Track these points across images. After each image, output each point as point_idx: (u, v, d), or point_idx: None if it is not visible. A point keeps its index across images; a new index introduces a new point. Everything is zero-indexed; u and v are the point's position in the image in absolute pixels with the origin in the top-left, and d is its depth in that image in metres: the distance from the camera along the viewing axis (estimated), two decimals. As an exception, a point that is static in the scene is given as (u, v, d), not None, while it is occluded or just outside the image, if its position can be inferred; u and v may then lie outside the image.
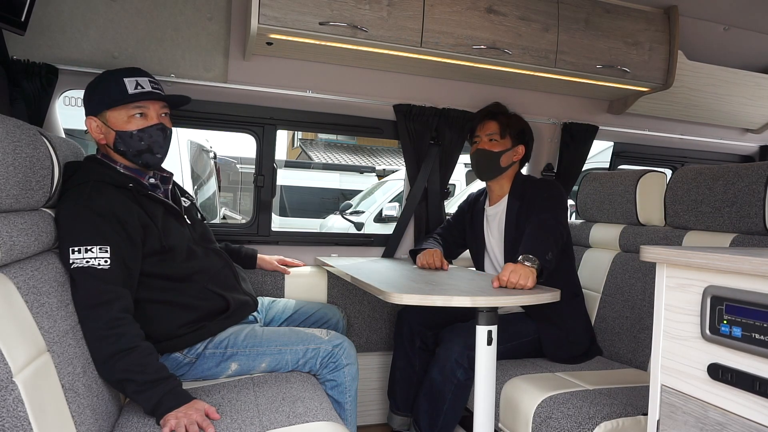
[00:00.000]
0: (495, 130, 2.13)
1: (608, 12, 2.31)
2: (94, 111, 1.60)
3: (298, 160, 13.16)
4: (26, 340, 1.04)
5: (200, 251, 1.70)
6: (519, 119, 2.19)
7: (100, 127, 1.60)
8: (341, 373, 1.70)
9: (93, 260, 1.37)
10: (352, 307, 2.38)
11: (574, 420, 1.51)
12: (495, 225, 2.16)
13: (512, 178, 2.17)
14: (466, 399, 1.87)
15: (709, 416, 0.97)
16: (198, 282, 1.64)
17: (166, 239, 1.57)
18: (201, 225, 1.82)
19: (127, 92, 1.57)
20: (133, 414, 1.40)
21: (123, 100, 1.57)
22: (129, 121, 1.59)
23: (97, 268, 1.37)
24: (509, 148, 2.13)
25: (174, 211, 1.67)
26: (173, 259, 1.59)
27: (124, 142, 1.59)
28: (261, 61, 2.22)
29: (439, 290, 1.57)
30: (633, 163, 3.14)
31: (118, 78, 1.59)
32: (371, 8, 1.96)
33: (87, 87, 1.63)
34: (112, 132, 1.59)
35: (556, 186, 2.09)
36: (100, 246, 1.39)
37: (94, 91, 1.61)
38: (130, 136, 1.59)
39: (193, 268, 1.64)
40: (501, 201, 2.16)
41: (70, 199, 1.45)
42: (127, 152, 1.61)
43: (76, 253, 1.37)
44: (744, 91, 2.77)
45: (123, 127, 1.58)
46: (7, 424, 0.91)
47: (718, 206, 1.74)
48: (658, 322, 1.08)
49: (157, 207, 1.61)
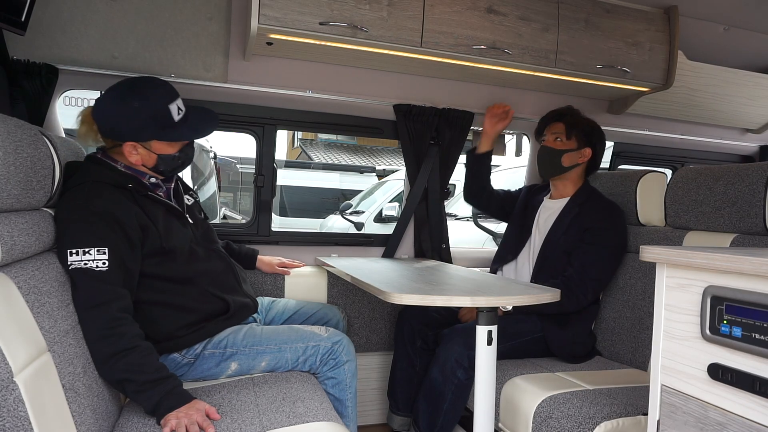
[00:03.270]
0: (561, 130, 2.15)
1: (608, 12, 2.31)
2: (138, 138, 1.55)
3: (298, 160, 13.16)
4: (27, 339, 1.04)
5: (202, 252, 1.68)
6: (588, 121, 2.19)
7: (141, 150, 1.57)
8: (341, 370, 1.70)
9: (91, 262, 1.36)
10: (352, 307, 2.38)
11: (574, 420, 1.51)
12: (545, 218, 2.17)
13: (577, 182, 2.17)
14: (466, 399, 1.87)
15: (709, 416, 0.97)
16: (198, 284, 1.63)
17: (166, 240, 1.55)
18: (203, 224, 1.79)
19: (174, 121, 1.56)
20: (134, 414, 1.40)
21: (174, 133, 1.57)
22: (171, 145, 1.60)
23: (95, 270, 1.36)
24: (574, 148, 2.13)
25: (176, 212, 1.65)
26: (174, 260, 1.58)
27: (165, 164, 1.61)
28: (261, 61, 2.22)
29: (439, 290, 1.57)
30: (633, 163, 3.13)
31: (161, 104, 1.54)
32: (371, 8, 1.96)
33: (116, 107, 1.53)
34: (154, 155, 1.58)
35: (616, 219, 2.06)
36: (98, 248, 1.38)
37: (135, 116, 1.52)
38: (172, 158, 1.61)
39: (194, 269, 1.63)
40: (561, 200, 2.17)
41: (68, 200, 1.44)
42: (165, 170, 1.62)
43: (74, 255, 1.36)
44: (744, 91, 2.77)
45: (166, 151, 1.59)
46: (8, 424, 0.91)
47: (719, 206, 1.74)
48: (658, 322, 1.08)
49: (158, 207, 1.58)
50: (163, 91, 1.57)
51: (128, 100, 1.53)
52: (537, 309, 1.84)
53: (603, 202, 2.10)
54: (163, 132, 1.56)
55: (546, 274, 2.04)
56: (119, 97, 1.54)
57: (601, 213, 2.06)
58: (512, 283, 1.81)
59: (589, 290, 1.98)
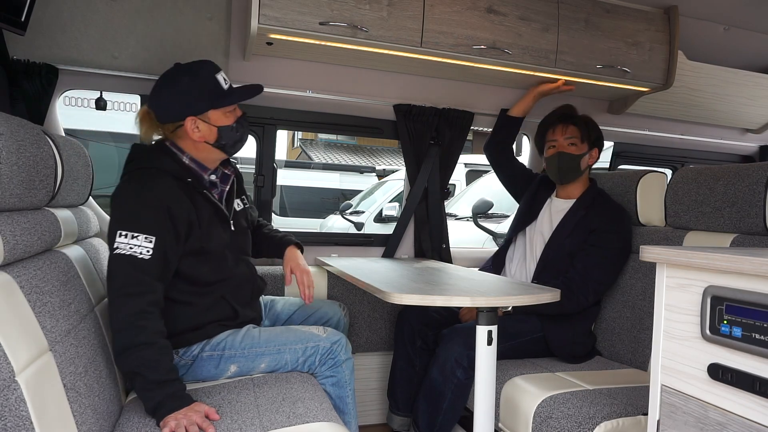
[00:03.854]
0: (575, 134, 2.14)
1: (608, 12, 2.31)
2: (195, 111, 1.60)
3: (298, 160, 13.15)
4: (29, 339, 1.04)
5: (231, 259, 1.70)
6: (594, 122, 2.20)
7: (201, 125, 1.61)
8: (340, 369, 1.70)
9: (136, 248, 1.42)
10: (352, 307, 2.38)
11: (574, 420, 1.51)
12: (550, 215, 2.18)
13: (584, 184, 2.18)
14: (465, 399, 1.87)
15: (709, 416, 0.97)
16: (217, 290, 1.65)
17: (206, 242, 1.59)
18: (244, 235, 1.81)
19: (224, 90, 1.62)
20: (134, 414, 1.41)
21: (225, 98, 1.62)
22: (228, 116, 1.65)
23: (137, 257, 1.41)
24: (587, 151, 2.14)
25: (222, 216, 1.68)
26: (205, 263, 1.61)
27: (225, 136, 1.64)
28: (261, 61, 2.22)
29: (439, 290, 1.57)
30: (633, 163, 3.14)
31: (209, 75, 1.61)
32: (371, 8, 1.97)
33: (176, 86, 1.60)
34: (214, 128, 1.63)
35: (622, 222, 2.06)
36: (147, 235, 1.43)
37: (193, 91, 1.59)
38: (230, 129, 1.65)
39: (218, 275, 1.65)
40: (567, 201, 2.17)
41: (129, 183, 1.52)
42: (227, 144, 1.66)
43: (123, 237, 1.42)
44: (744, 91, 2.77)
45: (223, 122, 1.64)
46: (10, 423, 0.91)
47: (719, 206, 1.74)
48: (658, 322, 1.08)
49: (208, 208, 1.62)
50: (208, 66, 1.64)
51: (178, 79, 1.61)
52: (537, 309, 1.84)
53: (610, 205, 2.10)
54: (216, 100, 1.62)
55: (548, 274, 2.04)
56: (169, 79, 1.62)
57: (607, 216, 2.05)
58: (512, 283, 1.81)
59: (591, 292, 1.98)
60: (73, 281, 1.38)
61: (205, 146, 1.64)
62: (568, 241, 2.05)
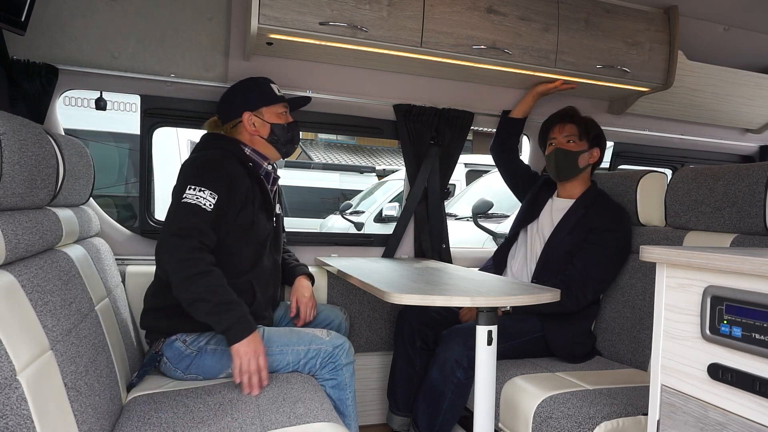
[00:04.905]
0: (573, 132, 2.15)
1: (608, 12, 2.31)
2: (252, 107, 1.86)
3: (298, 160, 13.14)
4: (30, 338, 1.04)
5: (266, 253, 1.85)
6: (594, 122, 2.21)
7: (256, 121, 1.86)
8: (341, 372, 1.71)
9: (202, 199, 1.60)
10: (352, 307, 2.38)
11: (574, 420, 1.52)
12: (551, 214, 2.18)
13: (585, 184, 2.19)
14: (465, 399, 1.87)
15: (709, 416, 0.97)
16: (248, 276, 1.76)
17: (255, 221, 1.76)
18: (279, 236, 1.98)
19: (276, 94, 1.89)
20: (134, 413, 1.41)
21: (276, 99, 1.89)
22: (280, 117, 1.89)
23: (201, 206, 1.59)
24: (586, 149, 2.15)
25: (268, 207, 1.85)
26: (249, 244, 1.76)
27: (277, 134, 1.88)
28: (261, 61, 2.22)
29: (439, 290, 1.57)
30: (633, 163, 3.14)
31: (265, 83, 1.90)
32: (371, 8, 1.97)
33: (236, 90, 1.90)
34: (268, 125, 1.87)
35: (622, 222, 2.06)
36: (212, 192, 1.62)
37: (250, 92, 1.88)
38: (282, 128, 1.89)
39: (255, 259, 1.79)
40: (567, 200, 2.17)
41: (204, 154, 1.75)
42: (278, 141, 1.89)
43: (192, 189, 1.61)
44: (744, 91, 2.77)
45: (276, 121, 1.88)
46: (11, 422, 0.91)
47: (719, 206, 1.74)
48: (658, 322, 1.08)
49: (259, 195, 1.81)
50: (264, 78, 1.94)
51: (238, 85, 1.92)
52: (537, 308, 1.85)
53: (610, 205, 2.11)
54: (269, 100, 1.88)
55: (548, 272, 2.04)
56: (233, 87, 1.93)
57: (607, 215, 2.06)
58: (512, 283, 1.81)
59: (590, 290, 1.99)
60: (74, 281, 1.38)
61: (260, 141, 1.87)
62: (568, 239, 2.05)
